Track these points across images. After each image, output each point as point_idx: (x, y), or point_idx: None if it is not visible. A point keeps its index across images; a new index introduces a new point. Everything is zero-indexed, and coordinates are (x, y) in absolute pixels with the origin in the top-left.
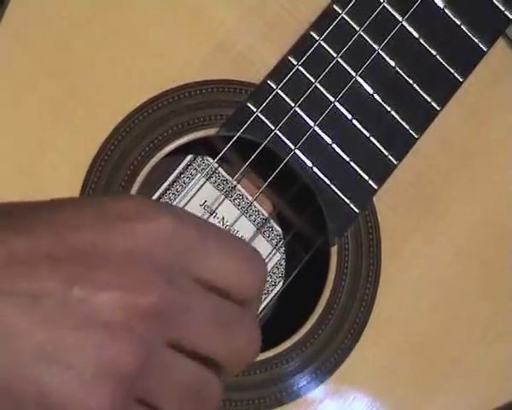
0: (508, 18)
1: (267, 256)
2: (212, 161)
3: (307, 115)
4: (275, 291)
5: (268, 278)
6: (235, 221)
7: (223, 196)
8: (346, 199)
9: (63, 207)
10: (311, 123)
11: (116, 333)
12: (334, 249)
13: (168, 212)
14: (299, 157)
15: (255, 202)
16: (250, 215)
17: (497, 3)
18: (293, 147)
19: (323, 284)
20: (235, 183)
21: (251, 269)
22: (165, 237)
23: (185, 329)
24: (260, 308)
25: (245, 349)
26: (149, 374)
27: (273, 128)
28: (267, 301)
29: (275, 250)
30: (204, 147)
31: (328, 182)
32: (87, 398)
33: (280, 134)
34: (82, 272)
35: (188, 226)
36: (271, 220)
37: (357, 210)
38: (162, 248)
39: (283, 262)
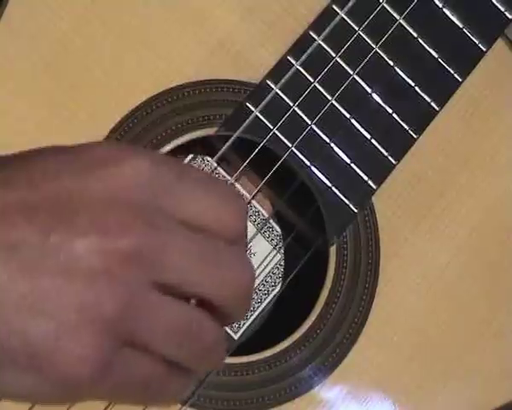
0: (507, 18)
1: (267, 256)
2: (210, 160)
3: (306, 115)
4: (275, 292)
5: (268, 279)
6: None
7: None
8: (344, 199)
9: (37, 158)
10: (310, 122)
11: (96, 278)
12: (333, 249)
13: (144, 154)
14: (298, 156)
15: (255, 202)
16: (250, 215)
17: (496, 4)
18: (291, 146)
19: (322, 284)
20: (233, 182)
21: (231, 207)
22: (142, 180)
23: (169, 268)
24: (260, 308)
25: (236, 281)
26: (134, 317)
27: (272, 128)
28: (267, 301)
29: (275, 251)
30: (203, 146)
31: (326, 182)
32: (72, 345)
33: (279, 133)
34: (58, 220)
35: (164, 168)
36: (271, 220)
37: (355, 210)
38: (139, 190)
39: (283, 263)
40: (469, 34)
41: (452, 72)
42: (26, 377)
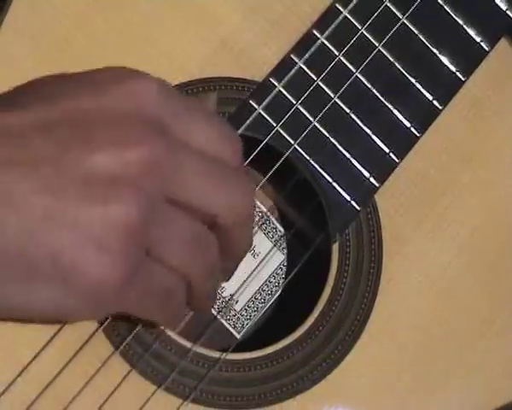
0: (510, 18)
1: (270, 256)
2: None
3: (309, 112)
4: (278, 292)
5: (271, 279)
6: None
7: None
8: (347, 196)
9: (50, 81)
10: (313, 119)
11: (117, 187)
12: (335, 247)
13: (153, 77)
14: (301, 153)
15: (256, 200)
16: None
17: (499, 3)
18: (293, 143)
19: (325, 281)
20: None
21: (233, 137)
22: (155, 97)
23: (181, 182)
24: (264, 309)
25: (240, 201)
26: (154, 226)
27: (275, 125)
28: (271, 301)
29: (278, 251)
30: None
31: (329, 179)
32: (98, 253)
33: (281, 131)
34: (75, 136)
35: (173, 91)
36: (273, 219)
37: (358, 207)
38: (152, 106)
39: (286, 263)
40: (472, 34)
41: (455, 70)
42: (53, 290)
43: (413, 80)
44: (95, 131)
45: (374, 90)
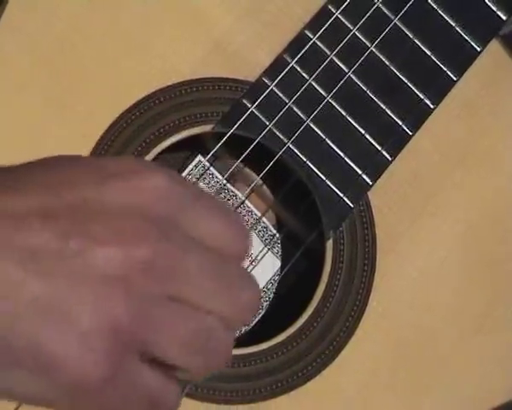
0: (501, 19)
1: (258, 254)
2: (203, 160)
3: (302, 111)
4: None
5: (269, 286)
6: None
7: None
8: (340, 194)
9: (58, 165)
10: (306, 119)
11: (112, 286)
12: (329, 244)
13: (162, 171)
14: (294, 152)
15: (247, 202)
16: (244, 216)
17: (489, 4)
18: (287, 142)
19: (319, 278)
20: (225, 181)
21: (240, 229)
22: (160, 194)
23: (185, 281)
24: (261, 314)
25: (244, 303)
26: (149, 328)
27: (268, 124)
28: (266, 304)
29: (271, 254)
30: (200, 144)
31: (322, 177)
32: (81, 352)
33: (275, 130)
34: (78, 227)
35: (181, 186)
36: (266, 221)
37: (351, 205)
38: (157, 204)
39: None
40: (464, 34)
41: (447, 70)
42: (33, 379)
43: (405, 80)
44: (97, 223)
45: (366, 90)
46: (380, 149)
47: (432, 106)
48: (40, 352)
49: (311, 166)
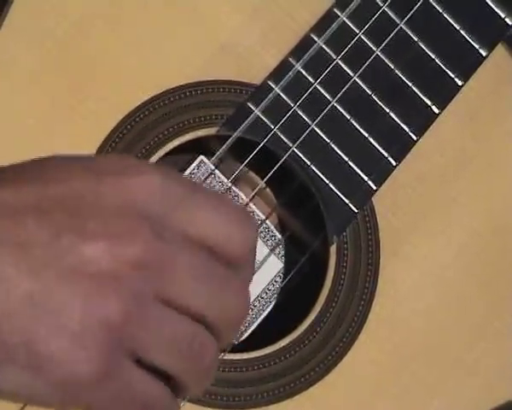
0: (507, 24)
1: (265, 260)
2: (208, 162)
3: (306, 115)
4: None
5: (270, 287)
6: None
7: None
8: (344, 199)
9: (53, 164)
10: (311, 123)
11: (103, 283)
12: (333, 249)
13: (156, 169)
14: (299, 156)
15: (251, 204)
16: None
17: (497, 10)
18: (292, 146)
19: (323, 283)
20: (229, 184)
21: (240, 228)
22: (153, 192)
23: (173, 282)
24: (262, 316)
25: (233, 308)
26: (138, 326)
27: (273, 127)
28: (269, 309)
29: (273, 256)
30: (204, 146)
31: (327, 181)
32: (74, 346)
33: (279, 133)
34: (69, 223)
35: (176, 184)
36: (270, 224)
37: (356, 210)
38: (150, 202)
39: (283, 270)
40: (470, 39)
41: (452, 75)
42: (25, 375)
43: (410, 84)
44: (89, 219)
45: (372, 94)
46: (384, 153)
47: (437, 111)
48: (32, 349)
49: (316, 170)
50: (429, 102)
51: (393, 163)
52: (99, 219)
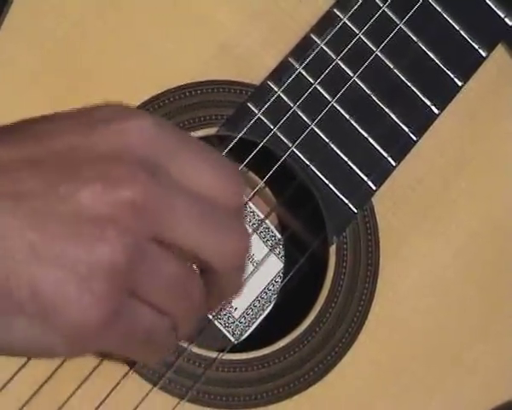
0: (507, 25)
1: (265, 260)
2: None
3: (306, 115)
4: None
5: (270, 287)
6: None
7: None
8: (344, 199)
9: (45, 119)
10: (310, 123)
11: (103, 227)
12: (332, 249)
13: (150, 115)
14: (298, 156)
15: (250, 203)
16: (248, 219)
17: (497, 10)
18: (291, 146)
19: (322, 283)
20: None
21: (230, 178)
22: (147, 136)
23: (171, 224)
24: (262, 316)
25: (233, 247)
26: (139, 267)
27: (272, 128)
28: (269, 309)
29: (273, 256)
30: None
31: (326, 181)
32: (81, 292)
33: (279, 134)
34: (65, 172)
35: (167, 129)
36: (270, 224)
37: (355, 210)
38: (143, 146)
39: (283, 270)
40: (470, 40)
41: (452, 76)
42: (33, 326)
43: (410, 85)
44: (83, 167)
45: (371, 95)
46: (384, 154)
47: (436, 111)
48: (40, 297)
49: (315, 170)
50: (429, 103)
51: (393, 163)
52: (95, 166)
